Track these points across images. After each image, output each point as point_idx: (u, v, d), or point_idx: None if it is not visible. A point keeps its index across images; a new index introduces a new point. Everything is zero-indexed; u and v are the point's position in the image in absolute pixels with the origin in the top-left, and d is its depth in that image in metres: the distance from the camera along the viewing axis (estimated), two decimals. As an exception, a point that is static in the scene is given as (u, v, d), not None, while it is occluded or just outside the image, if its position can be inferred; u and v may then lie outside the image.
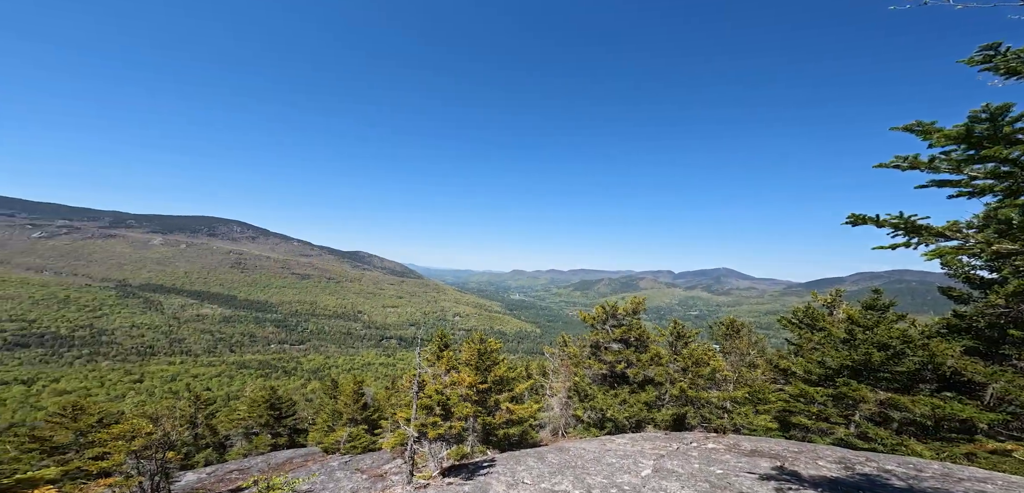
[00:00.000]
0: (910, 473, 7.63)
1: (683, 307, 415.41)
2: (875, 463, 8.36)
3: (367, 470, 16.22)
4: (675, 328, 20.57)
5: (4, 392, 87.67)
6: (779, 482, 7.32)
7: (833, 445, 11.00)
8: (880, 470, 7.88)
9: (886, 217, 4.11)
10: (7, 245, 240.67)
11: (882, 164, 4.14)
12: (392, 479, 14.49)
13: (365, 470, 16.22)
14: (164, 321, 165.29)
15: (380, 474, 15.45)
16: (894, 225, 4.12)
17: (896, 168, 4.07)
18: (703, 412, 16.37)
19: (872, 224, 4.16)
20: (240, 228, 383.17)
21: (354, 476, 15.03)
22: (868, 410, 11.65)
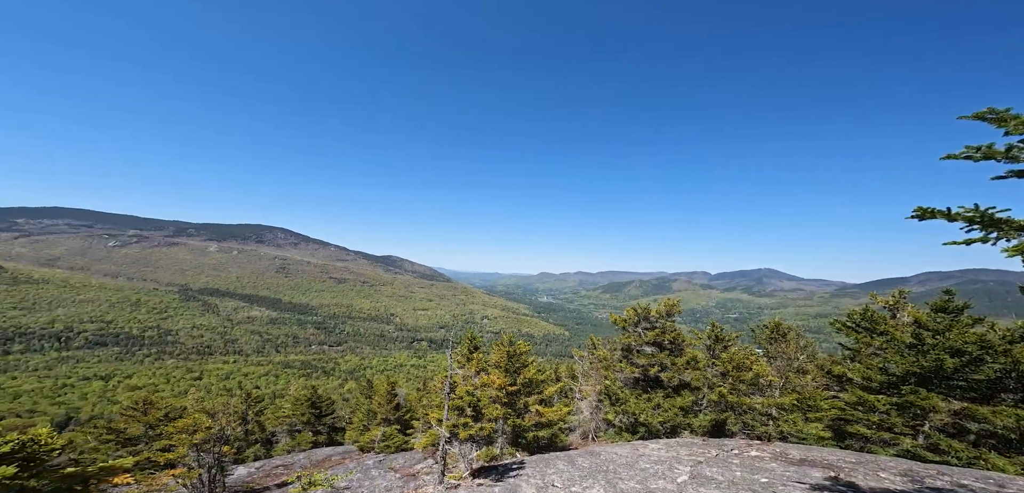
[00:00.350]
0: (990, 488, 6.74)
1: (721, 310, 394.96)
2: (948, 477, 7.47)
3: (400, 469, 16.60)
4: (713, 331, 19.58)
5: (86, 387, 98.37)
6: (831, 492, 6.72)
7: (898, 457, 9.97)
8: (955, 485, 7.02)
9: (959, 210, 3.66)
10: (87, 254, 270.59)
11: (951, 155, 3.70)
12: (424, 479, 14.74)
13: (398, 469, 16.61)
14: (219, 322, 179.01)
15: (412, 473, 15.76)
16: (969, 219, 3.65)
17: (968, 159, 3.63)
18: (745, 418, 15.40)
19: (942, 218, 3.73)
20: (284, 235, 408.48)
21: (388, 475, 15.44)
22: (940, 421, 10.47)
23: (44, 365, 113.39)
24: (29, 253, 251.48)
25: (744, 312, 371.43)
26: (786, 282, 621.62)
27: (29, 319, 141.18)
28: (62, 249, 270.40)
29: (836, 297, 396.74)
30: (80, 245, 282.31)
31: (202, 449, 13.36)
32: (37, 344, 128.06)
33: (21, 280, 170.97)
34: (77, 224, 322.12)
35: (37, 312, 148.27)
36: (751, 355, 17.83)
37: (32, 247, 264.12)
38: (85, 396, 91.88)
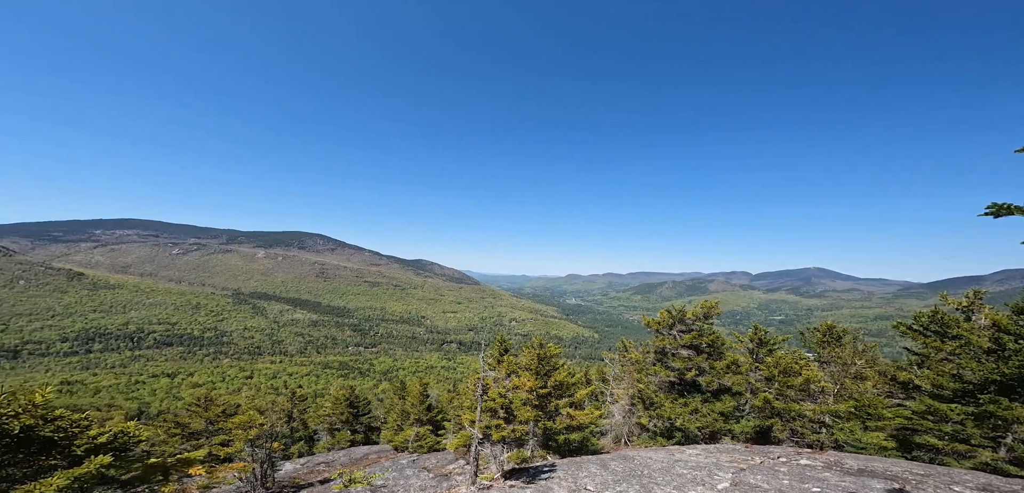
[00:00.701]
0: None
1: (764, 311, 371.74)
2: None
3: (433, 469, 16.91)
4: (756, 334, 18.49)
5: (154, 383, 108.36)
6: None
7: (975, 470, 8.90)
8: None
9: None
10: (154, 261, 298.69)
11: None
12: (456, 479, 14.93)
13: (431, 469, 16.93)
14: (268, 324, 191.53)
15: (445, 473, 16.01)
16: None
17: None
18: (794, 425, 14.37)
19: (1020, 214, 3.38)
20: (322, 241, 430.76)
21: (421, 474, 15.77)
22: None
23: (119, 363, 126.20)
24: (106, 261, 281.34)
25: (791, 314, 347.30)
26: (839, 282, 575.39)
27: (107, 321, 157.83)
28: (133, 257, 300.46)
29: (899, 298, 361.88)
30: (148, 253, 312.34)
31: (256, 444, 14.29)
32: (114, 344, 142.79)
33: (100, 286, 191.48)
34: (145, 234, 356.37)
35: (113, 314, 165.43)
36: (800, 359, 16.64)
37: (108, 255, 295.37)
38: (154, 392, 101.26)
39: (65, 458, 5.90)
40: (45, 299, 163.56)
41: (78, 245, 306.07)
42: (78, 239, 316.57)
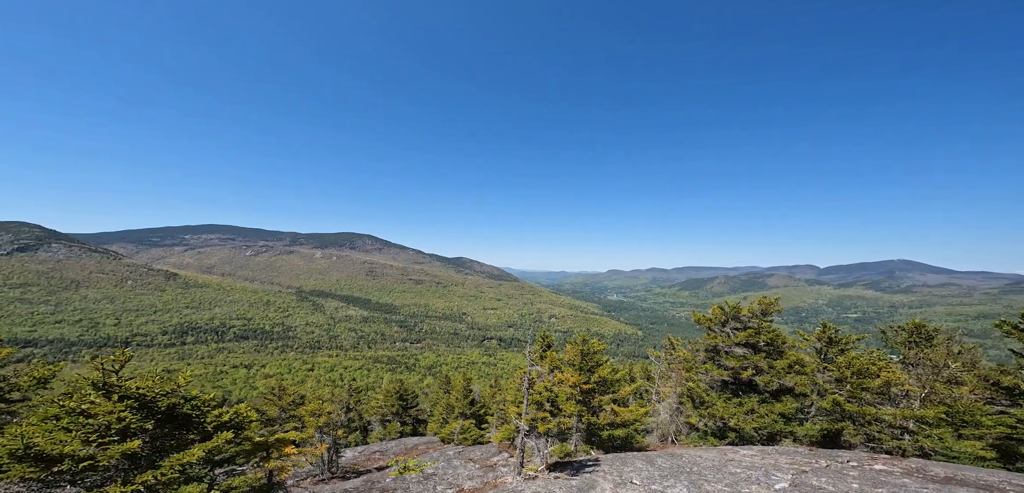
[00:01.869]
0: None
1: (835, 309, 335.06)
2: None
3: (478, 460, 17.46)
4: (825, 332, 16.94)
5: (235, 374, 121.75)
6: None
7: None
8: None
9: None
10: (232, 262, 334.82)
11: None
12: (501, 470, 15.32)
13: (477, 460, 17.49)
14: (325, 320, 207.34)
15: (490, 465, 16.48)
16: None
17: None
18: (870, 430, 12.98)
19: None
20: (371, 241, 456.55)
21: (468, 465, 16.36)
22: None
23: (207, 355, 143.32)
24: (194, 262, 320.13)
25: (869, 312, 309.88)
26: (930, 275, 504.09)
27: (197, 316, 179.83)
28: (215, 259, 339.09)
29: (1008, 293, 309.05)
30: (227, 255, 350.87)
31: (324, 431, 15.67)
32: (203, 337, 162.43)
33: (190, 285, 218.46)
34: (224, 238, 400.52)
35: (202, 311, 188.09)
36: (879, 360, 14.97)
37: (195, 257, 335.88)
38: (235, 381, 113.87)
39: (198, 433, 7.02)
40: (148, 297, 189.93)
41: (172, 249, 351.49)
42: (172, 243, 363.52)
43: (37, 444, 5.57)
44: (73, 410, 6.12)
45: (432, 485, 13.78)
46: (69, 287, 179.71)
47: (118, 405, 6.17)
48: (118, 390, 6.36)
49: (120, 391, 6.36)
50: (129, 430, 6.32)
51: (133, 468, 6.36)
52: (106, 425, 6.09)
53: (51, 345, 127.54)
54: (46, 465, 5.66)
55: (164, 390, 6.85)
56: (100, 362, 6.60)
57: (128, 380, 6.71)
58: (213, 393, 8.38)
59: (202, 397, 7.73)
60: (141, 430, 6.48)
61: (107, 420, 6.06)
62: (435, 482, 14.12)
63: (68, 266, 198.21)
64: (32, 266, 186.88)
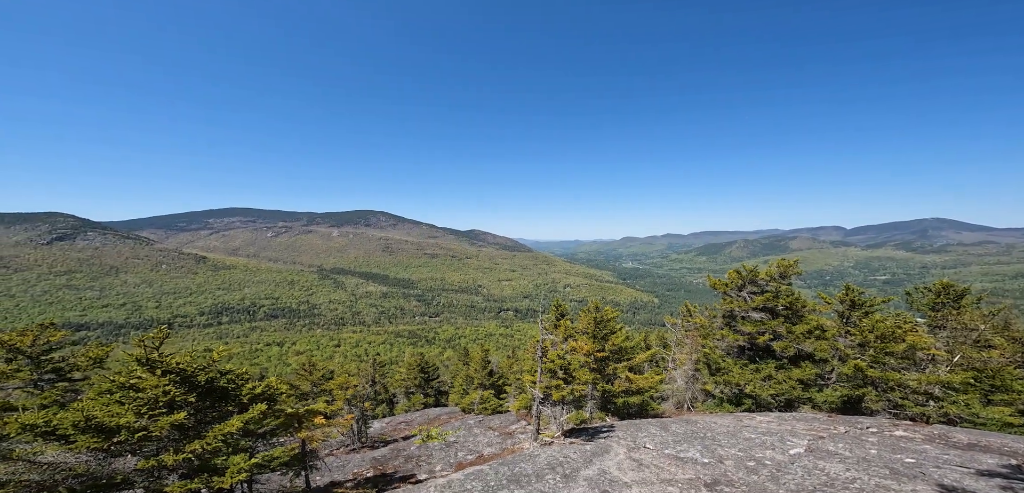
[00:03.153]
0: None
1: (862, 271, 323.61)
2: None
3: (498, 428, 18.18)
4: (848, 295, 16.47)
5: (268, 351, 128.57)
6: (1008, 481, 5.27)
7: None
8: None
9: None
10: (255, 244, 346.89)
11: None
12: (519, 437, 15.94)
13: (496, 428, 18.21)
14: (347, 297, 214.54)
15: (509, 432, 17.15)
16: None
17: None
18: (892, 397, 12.80)
19: None
20: (385, 218, 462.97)
21: (487, 433, 17.07)
22: None
23: (242, 333, 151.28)
24: (219, 245, 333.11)
25: (899, 273, 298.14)
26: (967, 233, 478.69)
27: (228, 297, 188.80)
28: (239, 241, 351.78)
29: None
30: (250, 237, 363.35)
31: (352, 403, 16.52)
32: (236, 317, 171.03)
33: (219, 267, 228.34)
34: (246, 220, 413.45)
35: (232, 291, 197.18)
36: (904, 323, 14.52)
37: (220, 240, 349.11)
38: (269, 359, 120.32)
39: (235, 405, 7.59)
40: (182, 280, 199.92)
41: (198, 233, 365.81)
42: (197, 228, 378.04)
43: (96, 416, 6.13)
44: (123, 384, 6.67)
45: (454, 451, 14.51)
46: (109, 273, 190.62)
47: (162, 379, 6.68)
48: (160, 365, 6.86)
49: (162, 366, 6.85)
50: (175, 403, 6.85)
51: (182, 438, 6.93)
52: (154, 398, 6.61)
53: (102, 328, 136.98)
54: (107, 436, 6.24)
55: (201, 365, 7.35)
56: (141, 339, 7.12)
57: (168, 356, 7.23)
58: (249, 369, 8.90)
59: (236, 370, 8.26)
60: (185, 403, 7.02)
61: (154, 393, 6.58)
62: (457, 448, 14.85)
63: (106, 253, 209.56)
64: (73, 254, 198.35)
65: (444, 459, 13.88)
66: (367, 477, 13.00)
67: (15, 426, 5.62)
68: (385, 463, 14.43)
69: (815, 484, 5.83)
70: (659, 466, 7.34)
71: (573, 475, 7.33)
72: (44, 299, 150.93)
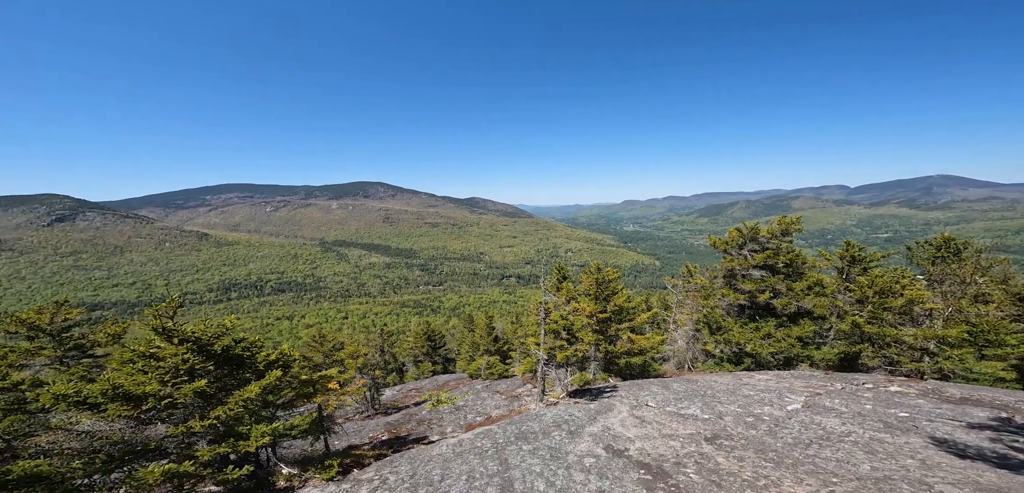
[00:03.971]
0: None
1: (865, 228, 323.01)
2: None
3: (504, 392, 18.86)
4: (848, 251, 16.56)
5: (279, 325, 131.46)
6: (998, 432, 5.55)
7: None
8: None
9: None
10: (255, 219, 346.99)
11: None
12: (525, 399, 16.58)
13: (502, 392, 18.90)
14: (351, 269, 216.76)
15: (515, 395, 17.81)
16: None
17: None
18: (888, 352, 13.16)
19: None
20: (383, 189, 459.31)
21: (495, 396, 17.73)
22: None
23: (252, 308, 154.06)
24: (219, 222, 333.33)
25: (901, 231, 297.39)
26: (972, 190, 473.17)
27: (234, 272, 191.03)
28: (239, 217, 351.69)
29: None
30: (250, 212, 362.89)
31: (363, 371, 17.07)
32: (245, 292, 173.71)
33: (222, 244, 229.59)
34: (244, 196, 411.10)
35: (238, 267, 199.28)
36: (903, 278, 14.67)
37: (220, 217, 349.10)
38: (281, 332, 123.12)
39: (251, 372, 7.92)
40: (187, 257, 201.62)
41: (196, 210, 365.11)
42: (195, 204, 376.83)
43: (123, 384, 6.43)
44: (144, 354, 6.96)
45: (463, 415, 15.15)
46: (114, 252, 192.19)
47: (180, 348, 6.94)
48: (177, 334, 7.11)
49: (178, 335, 7.11)
50: (194, 371, 7.15)
51: (206, 405, 7.29)
52: (175, 366, 6.89)
53: (115, 306, 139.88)
54: (135, 404, 6.57)
55: (216, 333, 7.62)
56: (155, 310, 7.35)
57: (183, 325, 7.49)
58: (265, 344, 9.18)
59: (250, 337, 8.54)
60: (205, 370, 7.33)
61: (174, 362, 6.86)
62: (466, 412, 15.51)
63: (107, 233, 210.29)
64: (74, 235, 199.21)
65: (454, 421, 14.52)
66: (383, 440, 13.67)
67: (48, 397, 5.92)
68: (399, 427, 15.12)
69: (811, 438, 6.14)
70: (661, 422, 7.70)
71: (578, 432, 7.70)
72: (54, 280, 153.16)
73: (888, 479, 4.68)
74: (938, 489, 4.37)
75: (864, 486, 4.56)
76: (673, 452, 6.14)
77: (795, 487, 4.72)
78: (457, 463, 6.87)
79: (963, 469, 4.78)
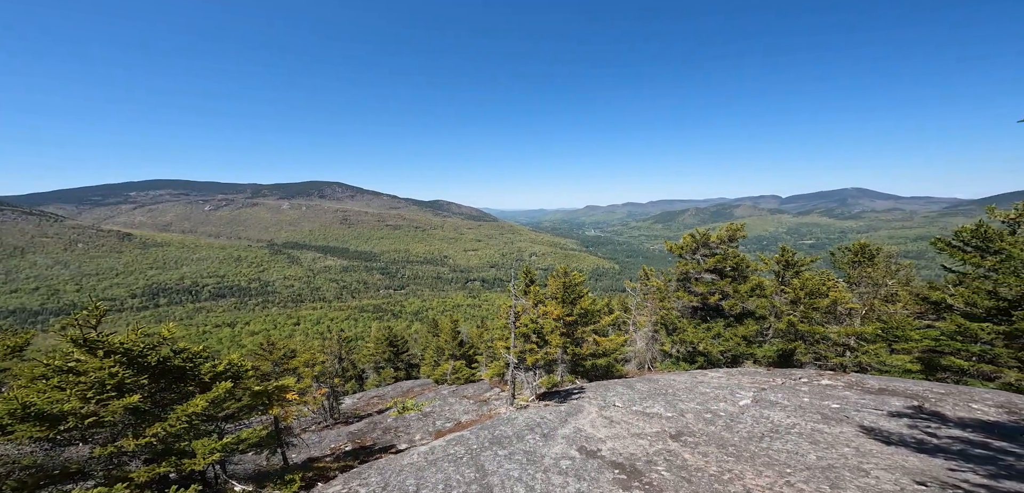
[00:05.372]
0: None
1: (793, 235, 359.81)
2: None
3: (472, 396, 18.74)
4: (784, 256, 18.39)
5: (219, 332, 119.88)
6: (914, 420, 6.55)
7: (998, 390, 9.19)
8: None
9: None
10: (190, 218, 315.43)
11: None
12: (494, 403, 16.60)
13: (470, 397, 18.76)
14: (304, 273, 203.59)
15: (484, 399, 17.77)
16: None
17: None
18: (817, 349, 14.83)
19: None
20: (341, 189, 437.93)
21: (462, 401, 17.57)
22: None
23: (185, 315, 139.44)
24: (147, 221, 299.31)
25: (822, 237, 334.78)
26: (879, 202, 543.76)
27: (164, 276, 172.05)
28: (171, 216, 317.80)
29: (945, 216, 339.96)
30: (183, 211, 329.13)
31: (321, 380, 16.15)
32: (176, 297, 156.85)
33: (149, 245, 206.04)
34: (177, 193, 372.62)
35: (168, 270, 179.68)
36: (828, 281, 16.59)
37: (147, 215, 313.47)
38: (220, 341, 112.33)
39: (196, 384, 7.21)
40: (105, 259, 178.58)
41: (118, 207, 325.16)
42: (117, 202, 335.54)
43: (35, 403, 5.63)
44: (60, 368, 6.14)
45: (432, 421, 14.88)
46: (13, 254, 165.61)
47: (106, 361, 6.21)
48: (102, 346, 6.36)
49: (104, 347, 6.36)
50: (125, 385, 6.43)
51: (141, 422, 6.57)
52: (99, 381, 6.15)
53: (13, 316, 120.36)
54: (51, 424, 5.78)
55: (150, 344, 6.90)
56: (75, 318, 6.51)
57: (110, 335, 6.71)
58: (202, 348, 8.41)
59: (192, 348, 7.82)
60: (137, 385, 6.61)
61: (99, 376, 6.11)
62: (434, 418, 15.23)
63: (5, 231, 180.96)
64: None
65: (422, 428, 14.21)
66: (346, 450, 13.06)
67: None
68: (363, 436, 14.51)
69: (763, 431, 6.80)
70: (628, 422, 8.11)
71: (551, 434, 7.90)
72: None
73: (833, 467, 5.33)
74: (875, 474, 5.05)
75: (813, 475, 5.16)
76: (643, 451, 6.52)
77: (756, 479, 5.23)
78: (431, 471, 6.78)
79: (891, 454, 5.57)
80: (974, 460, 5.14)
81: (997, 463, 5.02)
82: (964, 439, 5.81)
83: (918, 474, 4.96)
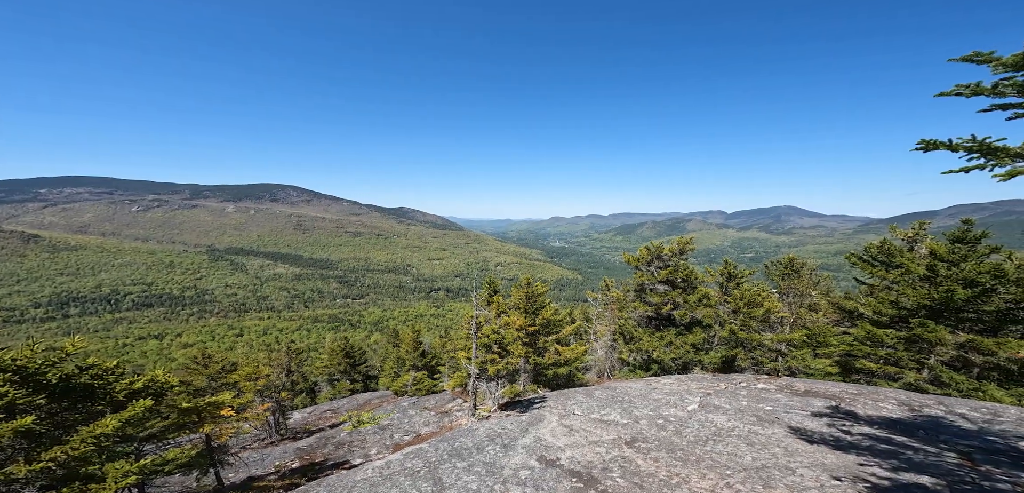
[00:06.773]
0: (984, 417, 7.29)
1: (736, 249, 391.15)
2: (945, 406, 8.04)
3: (434, 408, 18.32)
4: (726, 268, 19.94)
5: (143, 345, 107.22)
6: (832, 419, 7.39)
7: (900, 389, 10.59)
8: (949, 412, 7.60)
9: (959, 140, 4.00)
10: (114, 219, 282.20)
11: (943, 93, 4.07)
12: (456, 414, 16.34)
13: (432, 408, 18.33)
14: (249, 280, 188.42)
15: (445, 411, 17.43)
16: (968, 148, 3.98)
17: (959, 95, 4.00)
18: (755, 355, 16.19)
19: (945, 149, 4.10)
20: (297, 193, 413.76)
21: (423, 413, 17.13)
22: (945, 354, 10.88)
23: (102, 327, 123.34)
24: (59, 222, 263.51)
25: (760, 251, 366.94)
26: (807, 219, 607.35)
27: (77, 284, 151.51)
28: (90, 216, 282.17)
29: (859, 233, 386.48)
30: (106, 211, 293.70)
31: (264, 394, 15.02)
32: (91, 307, 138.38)
33: (60, 247, 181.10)
34: (98, 191, 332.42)
35: (83, 277, 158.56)
36: (763, 292, 18.25)
37: (61, 215, 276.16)
38: (145, 354, 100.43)
39: (108, 404, 6.43)
40: (4, 264, 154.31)
41: (25, 205, 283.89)
42: (23, 199, 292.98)
43: None
44: None
45: (390, 434, 14.35)
46: None
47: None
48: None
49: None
50: (16, 406, 5.68)
51: (35, 446, 5.81)
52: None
53: None
54: None
55: (49, 360, 6.16)
56: None
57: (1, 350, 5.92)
58: (121, 365, 7.59)
59: (103, 364, 7.05)
60: (32, 406, 5.86)
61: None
62: (392, 431, 14.70)
63: None
64: None
65: (379, 442, 13.66)
66: (293, 468, 12.21)
67: None
68: (313, 452, 13.66)
69: (708, 434, 7.32)
70: (587, 430, 8.37)
71: (512, 445, 7.95)
72: None
73: (765, 467, 5.86)
74: (800, 473, 5.62)
75: (750, 475, 5.64)
76: (600, 458, 6.76)
77: (701, 482, 5.62)
78: (386, 487, 6.55)
79: (813, 452, 6.22)
80: (880, 455, 5.90)
81: (899, 456, 5.80)
82: (872, 435, 6.65)
83: (835, 470, 5.61)
